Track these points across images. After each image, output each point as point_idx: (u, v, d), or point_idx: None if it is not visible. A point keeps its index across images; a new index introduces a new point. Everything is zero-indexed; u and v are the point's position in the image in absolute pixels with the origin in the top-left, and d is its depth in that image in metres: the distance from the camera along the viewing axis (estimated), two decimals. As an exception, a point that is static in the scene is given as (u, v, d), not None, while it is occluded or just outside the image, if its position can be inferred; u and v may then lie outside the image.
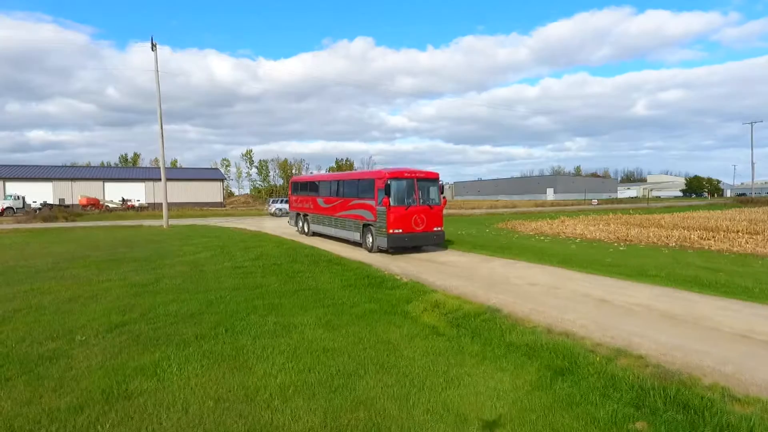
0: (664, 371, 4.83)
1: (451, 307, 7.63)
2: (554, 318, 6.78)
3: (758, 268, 12.24)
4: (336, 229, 17.18)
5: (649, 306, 7.40)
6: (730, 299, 7.91)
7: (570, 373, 5.02)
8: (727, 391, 4.31)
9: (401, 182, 13.86)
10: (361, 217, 15.02)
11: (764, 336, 5.81)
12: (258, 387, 4.77)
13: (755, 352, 5.27)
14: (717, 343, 5.63)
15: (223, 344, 6.07)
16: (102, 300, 8.52)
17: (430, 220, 14.14)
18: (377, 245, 14.18)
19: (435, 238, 14.46)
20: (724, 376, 4.63)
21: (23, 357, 5.64)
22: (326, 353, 5.75)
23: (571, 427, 3.99)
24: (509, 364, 5.39)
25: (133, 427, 3.99)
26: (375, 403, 4.44)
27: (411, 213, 13.72)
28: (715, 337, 5.86)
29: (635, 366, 5.01)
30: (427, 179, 14.47)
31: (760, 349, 5.40)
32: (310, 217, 19.74)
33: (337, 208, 16.94)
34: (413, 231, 13.77)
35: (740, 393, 4.27)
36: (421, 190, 14.13)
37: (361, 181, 15.64)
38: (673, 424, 3.92)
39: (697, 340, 5.75)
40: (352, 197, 15.90)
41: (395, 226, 13.45)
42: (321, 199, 18.53)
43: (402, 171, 14.09)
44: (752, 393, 4.26)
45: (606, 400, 4.42)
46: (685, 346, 5.53)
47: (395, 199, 13.57)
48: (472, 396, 4.59)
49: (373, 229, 14.26)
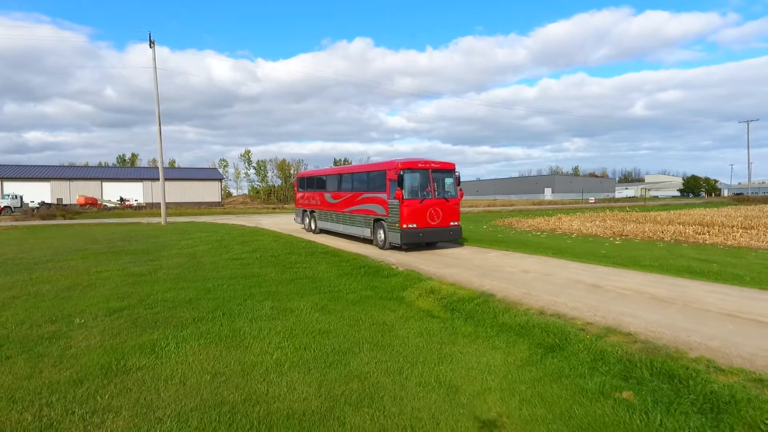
0: (651, 346, 4.94)
1: (446, 293, 7.73)
2: (546, 301, 6.88)
3: (751, 259, 12.35)
4: (345, 226, 16.35)
5: (640, 290, 7.51)
6: (721, 284, 8.03)
7: (560, 349, 5.13)
8: (712, 363, 4.42)
9: (415, 173, 12.97)
10: (372, 212, 14.20)
11: (751, 315, 5.93)
12: (254, 363, 4.87)
13: (742, 329, 5.38)
14: (705, 321, 5.74)
15: (221, 326, 6.16)
16: (100, 288, 8.60)
17: (446, 214, 13.29)
18: (389, 242, 13.34)
19: (451, 234, 13.56)
20: (709, 350, 4.74)
21: (23, 338, 5.72)
22: (322, 334, 5.84)
23: (560, 396, 4.09)
24: (501, 343, 5.50)
25: (131, 397, 4.08)
26: (369, 376, 4.53)
27: (426, 206, 12.86)
28: (704, 316, 5.97)
29: (624, 342, 5.12)
30: (443, 170, 13.50)
31: (746, 326, 5.51)
32: (317, 214, 18.91)
33: (346, 204, 16.09)
34: (428, 226, 12.95)
35: (725, 365, 4.38)
36: (436, 182, 13.24)
37: (372, 173, 14.60)
38: (659, 392, 4.03)
39: (685, 319, 5.86)
40: (361, 191, 15.01)
41: (409, 221, 12.61)
42: (328, 195, 17.70)
43: (416, 161, 13.11)
44: (736, 364, 4.37)
45: (594, 372, 4.53)
46: (674, 324, 5.64)
47: (409, 191, 12.70)
48: (463, 371, 4.69)
49: (385, 225, 13.40)
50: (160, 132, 26.46)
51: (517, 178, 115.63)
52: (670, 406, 3.80)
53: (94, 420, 3.67)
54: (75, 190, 57.48)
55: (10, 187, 53.58)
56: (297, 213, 21.71)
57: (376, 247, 13.92)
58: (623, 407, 3.84)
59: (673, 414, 3.67)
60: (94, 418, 3.69)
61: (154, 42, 24.53)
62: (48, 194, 55.72)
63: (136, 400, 4.03)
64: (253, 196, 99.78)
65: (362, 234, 15.05)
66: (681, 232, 19.22)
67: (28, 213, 40.22)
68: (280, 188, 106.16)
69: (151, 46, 24.49)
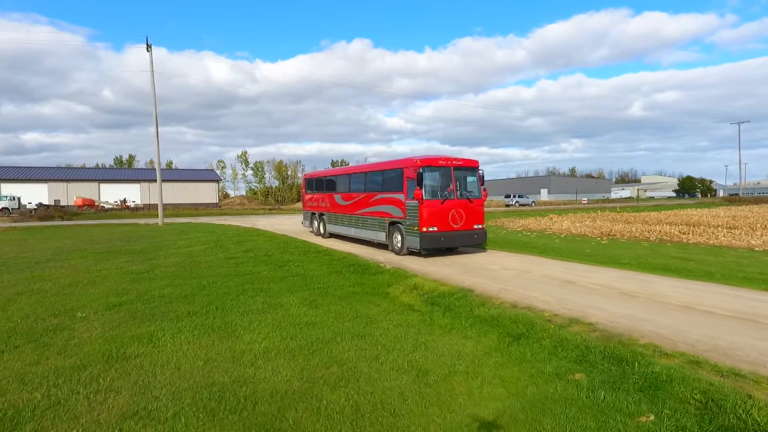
0: (608, 334, 5.39)
1: (428, 289, 8.17)
2: (520, 296, 7.34)
3: (728, 257, 12.81)
4: (357, 229, 15.25)
5: (610, 286, 7.97)
6: (688, 280, 8.50)
7: (526, 337, 5.57)
8: (659, 348, 4.87)
9: (436, 171, 11.98)
10: (387, 214, 13.13)
11: (706, 307, 6.39)
12: (244, 351, 5.30)
13: (693, 319, 5.84)
14: (662, 313, 6.19)
15: (214, 318, 6.58)
16: (100, 285, 9.01)
17: (470, 216, 12.21)
18: (407, 246, 12.27)
19: (476, 238, 12.46)
20: (659, 337, 5.20)
21: (29, 330, 6.14)
22: (308, 326, 6.27)
23: (518, 378, 4.53)
24: (474, 333, 5.94)
25: (131, 380, 4.50)
26: (348, 362, 4.97)
27: (447, 208, 11.83)
28: (662, 309, 6.43)
29: (585, 331, 5.57)
30: (466, 168, 12.51)
31: (698, 317, 5.97)
32: (327, 217, 17.79)
33: (358, 205, 15.02)
34: (450, 229, 11.86)
35: (669, 349, 4.83)
36: (458, 181, 12.26)
37: (387, 172, 13.50)
38: (607, 373, 4.48)
39: (645, 311, 6.32)
40: (375, 192, 13.95)
41: (429, 224, 11.55)
42: (338, 196, 16.69)
43: (436, 158, 12.13)
44: (679, 349, 4.82)
45: (553, 357, 4.97)
46: (633, 315, 6.10)
47: (429, 191, 11.71)
48: (435, 357, 5.12)
49: (402, 228, 12.37)
50: (157, 134, 26.85)
51: (514, 179, 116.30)
52: (614, 384, 4.25)
53: (97, 398, 4.09)
54: (72, 191, 57.73)
55: (7, 188, 53.83)
56: (305, 216, 20.53)
57: (392, 253, 12.91)
58: (573, 386, 4.28)
59: (616, 391, 4.12)
60: (98, 397, 4.12)
61: (151, 46, 24.95)
62: (45, 196, 55.97)
63: (135, 381, 4.45)
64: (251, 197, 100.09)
65: (376, 238, 14.00)
66: (667, 232, 19.71)
67: (25, 214, 40.51)
68: (278, 189, 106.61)
69: (149, 49, 24.93)
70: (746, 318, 5.88)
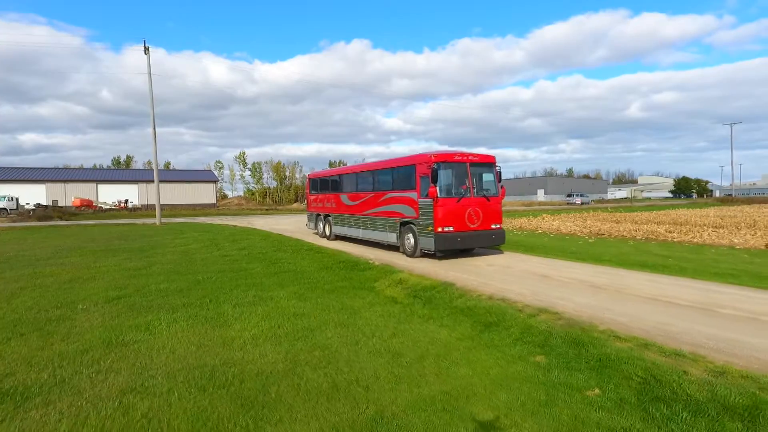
0: (572, 322, 5.82)
1: (412, 283, 8.60)
2: (497, 289, 7.77)
3: (708, 255, 13.26)
4: (365, 231, 14.58)
5: (584, 280, 8.41)
6: (659, 275, 8.94)
7: (496, 325, 6.00)
8: (614, 333, 5.30)
9: (451, 167, 11.32)
10: (399, 213, 12.51)
11: (668, 298, 6.83)
12: (234, 337, 5.71)
13: (653, 309, 6.28)
14: (626, 303, 6.63)
15: (207, 310, 7.00)
16: (99, 280, 9.41)
17: (487, 215, 11.59)
18: (421, 248, 11.65)
19: (494, 238, 11.80)
20: (617, 324, 5.63)
21: (33, 320, 6.54)
22: (295, 316, 6.69)
23: (484, 360, 4.96)
24: (449, 322, 6.37)
25: (129, 362, 4.91)
26: (329, 347, 5.38)
27: (464, 206, 11.20)
28: (626, 299, 6.87)
29: (551, 319, 6.00)
30: (482, 163, 11.87)
31: (659, 307, 6.41)
32: (332, 218, 17.09)
33: (367, 205, 14.35)
34: (467, 229, 11.25)
35: (624, 335, 5.26)
36: (474, 178, 11.65)
37: (397, 169, 12.85)
38: (564, 355, 4.91)
39: (610, 302, 6.76)
40: (385, 190, 13.32)
41: (444, 223, 10.93)
42: (345, 196, 16.04)
43: (452, 154, 11.51)
44: (633, 334, 5.25)
45: (518, 342, 5.40)
46: (599, 305, 6.53)
47: (444, 189, 11.09)
48: (411, 342, 5.55)
49: (415, 228, 11.76)
50: (155, 136, 27.23)
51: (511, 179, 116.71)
52: (569, 364, 4.68)
53: (98, 377, 4.50)
54: (70, 192, 58.01)
55: (5, 189, 54.04)
56: (309, 218, 19.91)
57: (404, 255, 12.34)
58: (533, 367, 4.71)
59: (570, 370, 4.55)
60: (99, 376, 4.53)
61: (149, 48, 25.35)
62: (43, 196, 56.23)
63: (133, 363, 4.86)
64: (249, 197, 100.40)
65: (386, 240, 13.36)
66: (653, 231, 20.16)
67: (24, 215, 40.81)
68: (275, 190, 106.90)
69: (146, 52, 25.32)
70: (702, 307, 6.32)
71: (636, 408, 3.77)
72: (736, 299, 6.73)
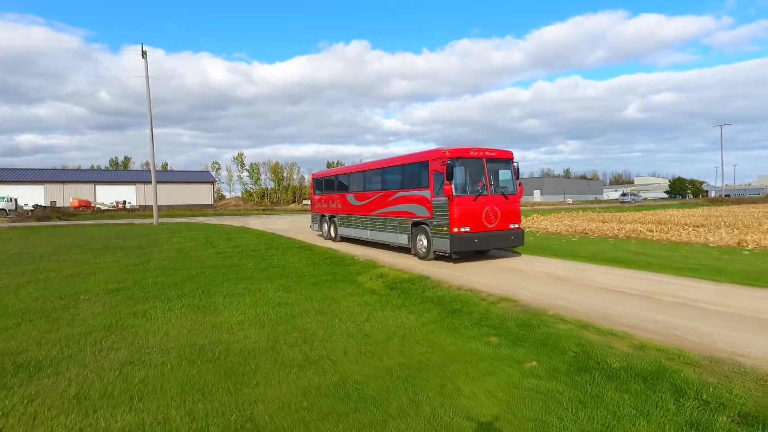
0: (527, 308, 6.47)
1: (392, 277, 9.24)
2: (467, 281, 8.42)
3: (681, 252, 13.91)
4: (373, 232, 14.05)
5: (549, 273, 9.07)
6: (621, 268, 9.60)
7: (460, 312, 6.64)
8: (561, 317, 5.95)
9: (467, 163, 10.77)
10: (410, 213, 11.95)
11: (619, 288, 7.50)
12: (222, 322, 6.34)
13: (602, 297, 6.94)
14: (579, 292, 7.29)
15: (199, 300, 7.63)
16: (100, 275, 10.02)
17: (506, 214, 10.99)
18: (435, 250, 11.09)
19: (512, 239, 11.19)
20: (566, 309, 6.28)
21: (39, 308, 7.16)
22: (280, 305, 7.31)
23: (444, 340, 5.59)
24: (419, 309, 7.00)
25: (128, 342, 5.54)
26: (307, 330, 6.01)
27: (481, 205, 10.62)
28: (582, 290, 7.53)
29: (509, 306, 6.64)
30: (500, 159, 11.29)
31: (608, 295, 7.07)
32: (338, 219, 16.51)
33: (375, 205, 13.76)
34: (485, 229, 10.64)
35: (569, 318, 5.90)
36: (491, 174, 11.06)
37: (409, 166, 12.33)
38: (514, 336, 5.54)
39: (566, 291, 7.41)
40: (395, 189, 12.77)
41: (461, 223, 10.35)
42: (351, 196, 15.48)
43: (467, 149, 10.87)
44: (577, 317, 5.90)
45: (476, 325, 6.04)
46: (555, 294, 7.19)
47: (459, 186, 10.56)
48: (381, 326, 6.18)
49: (429, 229, 11.19)
50: (152, 139, 27.82)
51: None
52: (516, 342, 5.32)
53: (101, 354, 5.12)
54: (68, 192, 58.53)
55: (4, 190, 54.53)
56: (313, 219, 19.18)
57: (416, 257, 11.77)
58: (485, 345, 5.35)
59: (515, 347, 5.18)
60: (101, 353, 5.15)
61: (146, 53, 25.99)
62: (41, 197, 56.73)
63: (131, 343, 5.49)
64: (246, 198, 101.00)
65: (396, 241, 12.81)
66: (636, 229, 20.85)
67: (23, 215, 41.32)
68: (273, 191, 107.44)
69: (144, 56, 25.94)
70: (646, 296, 6.98)
71: (564, 375, 4.41)
72: (681, 289, 7.39)
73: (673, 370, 4.16)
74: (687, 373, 4.11)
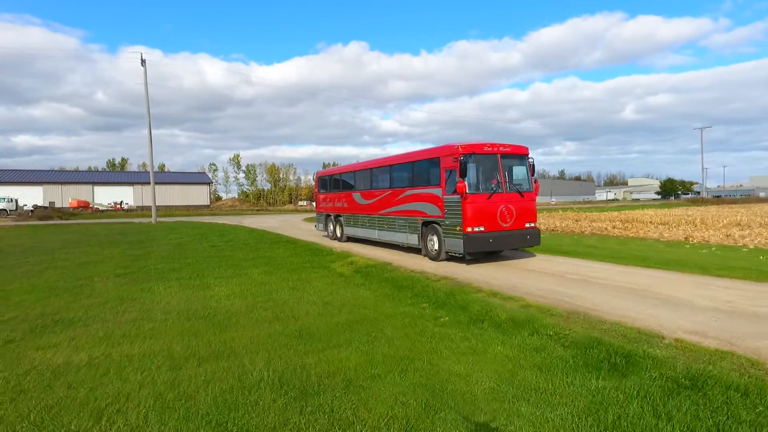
0: (459, 284, 8.02)
1: (361, 263, 10.78)
2: (422, 266, 9.99)
3: (630, 246, 15.42)
4: (381, 232, 13.69)
5: (495, 262, 10.63)
6: (561, 257, 11.17)
7: (406, 287, 8.18)
8: (480, 289, 7.51)
9: (480, 160, 10.36)
10: (420, 212, 11.53)
11: (544, 270, 9.09)
12: (213, 295, 7.87)
13: (524, 276, 8.52)
14: (509, 274, 8.87)
15: (195, 281, 9.16)
16: (108, 263, 11.54)
17: (521, 213, 10.51)
18: (447, 250, 10.67)
19: (528, 239, 10.67)
20: (487, 284, 7.85)
21: (63, 286, 8.68)
22: (261, 284, 8.84)
23: (385, 306, 7.13)
24: (375, 287, 8.55)
25: (137, 308, 7.06)
26: (280, 300, 7.54)
27: (495, 203, 10.17)
28: (512, 272, 9.11)
29: (447, 283, 8.19)
30: (514, 155, 10.84)
31: (530, 274, 8.65)
32: (344, 219, 16.07)
33: (383, 204, 13.36)
34: (499, 229, 10.16)
35: (486, 289, 7.45)
36: (506, 171, 10.60)
37: (419, 163, 11.89)
38: (440, 302, 7.07)
39: (498, 273, 8.99)
40: (404, 187, 12.36)
41: (475, 223, 9.92)
42: (358, 194, 15.01)
43: (481, 144, 10.42)
44: (492, 289, 7.46)
45: (415, 297, 7.58)
46: (488, 275, 8.75)
47: (473, 184, 10.21)
48: (340, 298, 7.71)
49: (441, 229, 10.76)
50: (151, 141, 29.27)
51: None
52: (440, 306, 6.85)
53: (117, 315, 6.65)
54: (67, 193, 59.85)
55: (3, 191, 55.79)
56: (318, 219, 18.66)
57: (427, 258, 11.38)
58: (417, 309, 6.88)
59: (438, 309, 6.71)
60: (118, 315, 6.67)
61: (145, 61, 27.50)
62: (40, 198, 58.03)
63: (140, 308, 7.02)
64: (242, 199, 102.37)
65: (406, 242, 12.40)
66: (601, 227, 22.47)
67: (24, 215, 42.65)
68: (270, 192, 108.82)
69: (143, 64, 27.44)
70: (560, 275, 8.56)
71: (464, 325, 5.95)
72: (591, 270, 8.98)
73: (539, 319, 5.72)
74: (548, 321, 5.67)
